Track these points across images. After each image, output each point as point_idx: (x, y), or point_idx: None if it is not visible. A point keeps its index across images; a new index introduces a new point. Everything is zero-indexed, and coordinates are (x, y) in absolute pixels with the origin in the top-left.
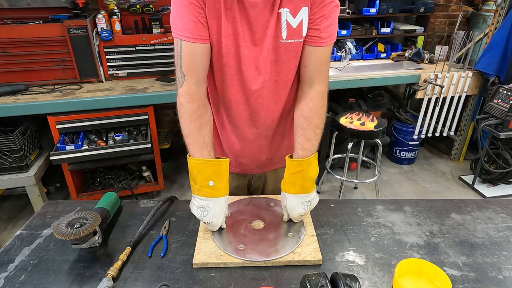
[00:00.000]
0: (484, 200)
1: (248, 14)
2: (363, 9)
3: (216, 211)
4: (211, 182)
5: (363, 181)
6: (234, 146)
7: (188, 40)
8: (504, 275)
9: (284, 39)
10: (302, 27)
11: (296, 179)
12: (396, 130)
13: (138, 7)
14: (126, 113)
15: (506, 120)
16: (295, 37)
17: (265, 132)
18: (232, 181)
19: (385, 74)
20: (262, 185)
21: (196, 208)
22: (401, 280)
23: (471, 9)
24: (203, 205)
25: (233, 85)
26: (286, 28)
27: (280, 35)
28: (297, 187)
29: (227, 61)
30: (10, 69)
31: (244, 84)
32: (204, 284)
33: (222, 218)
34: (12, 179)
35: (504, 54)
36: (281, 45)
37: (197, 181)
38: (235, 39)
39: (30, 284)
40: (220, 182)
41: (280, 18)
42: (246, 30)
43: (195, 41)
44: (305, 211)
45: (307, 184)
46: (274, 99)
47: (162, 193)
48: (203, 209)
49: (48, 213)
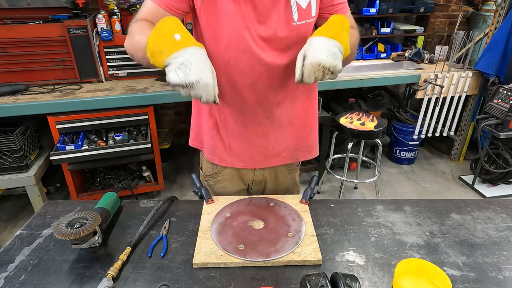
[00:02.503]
0: (484, 200)
1: None
2: (363, 9)
3: (200, 61)
4: (177, 36)
5: (363, 181)
6: (240, 134)
7: (153, 1)
8: (504, 275)
9: (296, 21)
10: (311, 7)
11: (333, 27)
12: (396, 130)
13: (138, 7)
14: (126, 113)
15: (506, 120)
16: (306, 18)
17: (267, 103)
18: (232, 186)
19: (385, 74)
20: (261, 191)
21: (175, 73)
22: (401, 280)
23: (471, 9)
24: (181, 61)
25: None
26: (297, 9)
27: (292, 17)
28: (332, 32)
29: (230, 42)
30: (10, 69)
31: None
32: (204, 284)
33: (211, 74)
34: (12, 179)
35: (504, 54)
36: (293, 27)
37: (162, 46)
38: (239, 19)
39: (30, 284)
40: (186, 34)
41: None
42: (251, 11)
43: (158, 4)
44: (328, 60)
45: (343, 35)
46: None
47: (162, 193)
48: (183, 66)
49: (48, 213)
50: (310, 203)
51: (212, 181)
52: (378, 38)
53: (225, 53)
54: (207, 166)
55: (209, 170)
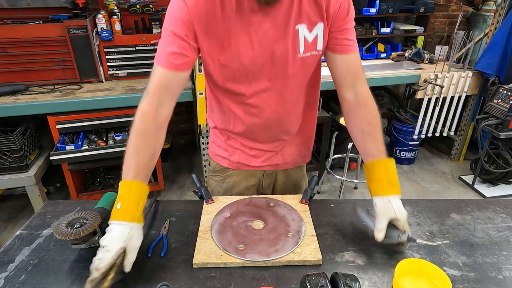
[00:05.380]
0: (484, 200)
1: (263, 27)
2: (363, 9)
3: (116, 235)
4: (118, 205)
5: (363, 181)
6: (245, 120)
7: (161, 65)
8: (504, 275)
9: (302, 53)
10: (317, 41)
11: (390, 178)
12: (396, 130)
13: (138, 7)
14: (126, 113)
15: (506, 120)
16: (312, 50)
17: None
18: (242, 180)
19: (385, 74)
20: (272, 184)
21: (105, 234)
22: (401, 280)
23: (471, 9)
24: (108, 228)
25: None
26: (304, 43)
27: (298, 50)
28: (396, 188)
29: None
30: (10, 69)
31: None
32: (204, 284)
33: (118, 249)
34: (12, 179)
35: (504, 54)
36: (299, 59)
37: (112, 207)
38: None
39: (30, 284)
40: (128, 205)
41: (298, 34)
42: (262, 41)
43: (167, 68)
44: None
45: (397, 185)
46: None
47: (162, 193)
48: (108, 231)
49: (48, 213)
50: (310, 203)
51: (221, 176)
52: (378, 38)
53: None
54: (215, 163)
55: (218, 166)
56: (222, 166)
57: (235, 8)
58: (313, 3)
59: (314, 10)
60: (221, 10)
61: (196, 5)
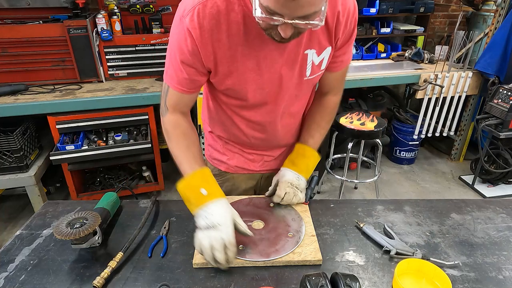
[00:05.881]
0: (484, 200)
1: (272, 54)
2: (363, 9)
3: (221, 211)
4: (203, 190)
5: (363, 181)
6: (244, 158)
7: (174, 89)
8: (504, 275)
9: (308, 76)
10: (322, 63)
11: (308, 166)
12: (396, 130)
13: (138, 7)
14: (126, 113)
15: (506, 120)
16: (316, 72)
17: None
18: (240, 183)
19: (385, 74)
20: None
21: (202, 220)
22: (401, 280)
23: (471, 9)
24: (205, 214)
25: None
26: (311, 66)
27: (305, 73)
28: (308, 173)
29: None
30: (10, 69)
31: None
32: (204, 284)
33: (230, 221)
34: (12, 179)
35: (504, 54)
36: (304, 81)
37: (190, 197)
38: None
39: (30, 284)
40: (211, 187)
41: (306, 58)
42: (270, 67)
43: (181, 92)
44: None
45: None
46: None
47: (162, 193)
48: (210, 215)
49: (48, 213)
50: (310, 203)
51: (219, 180)
52: (378, 38)
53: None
54: (213, 167)
55: (216, 169)
56: (220, 170)
57: (242, 34)
58: (324, 28)
59: (325, 34)
60: (227, 36)
61: (202, 35)
